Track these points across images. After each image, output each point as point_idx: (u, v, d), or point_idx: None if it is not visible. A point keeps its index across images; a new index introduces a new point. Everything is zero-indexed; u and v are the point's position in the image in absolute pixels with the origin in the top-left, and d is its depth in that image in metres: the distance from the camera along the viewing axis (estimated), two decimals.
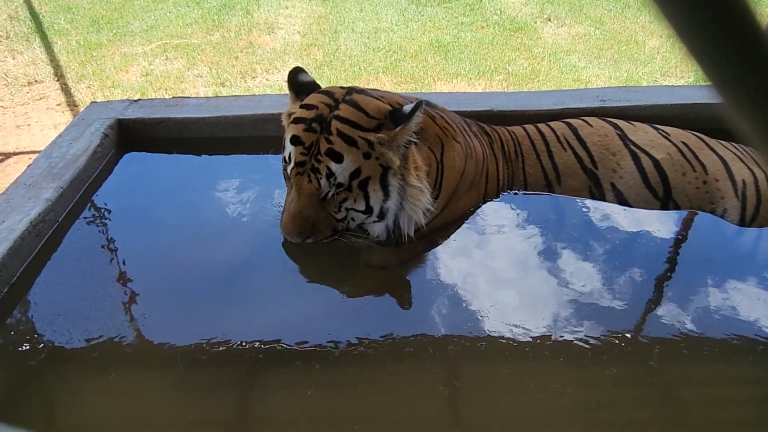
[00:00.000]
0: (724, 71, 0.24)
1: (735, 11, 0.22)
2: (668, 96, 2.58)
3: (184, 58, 5.00)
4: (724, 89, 0.24)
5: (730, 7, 0.22)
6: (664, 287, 1.81)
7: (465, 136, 2.04)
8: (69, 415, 1.45)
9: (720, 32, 0.22)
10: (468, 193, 2.04)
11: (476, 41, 5.29)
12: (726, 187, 2.03)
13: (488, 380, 1.52)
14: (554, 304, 1.72)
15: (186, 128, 2.54)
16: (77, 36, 5.43)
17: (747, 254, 1.95)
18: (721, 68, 0.24)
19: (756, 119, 0.24)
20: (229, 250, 1.96)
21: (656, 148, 2.09)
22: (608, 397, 1.48)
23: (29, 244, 1.87)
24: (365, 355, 1.57)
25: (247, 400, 1.48)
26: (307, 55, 5.09)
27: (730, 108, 0.25)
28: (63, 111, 4.35)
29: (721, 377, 1.55)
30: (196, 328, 1.65)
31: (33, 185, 2.07)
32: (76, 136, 2.38)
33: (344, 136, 1.73)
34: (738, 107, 0.24)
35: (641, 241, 1.97)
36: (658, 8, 0.23)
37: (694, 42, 0.23)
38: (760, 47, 0.22)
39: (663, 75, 4.66)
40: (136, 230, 2.07)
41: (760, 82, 0.23)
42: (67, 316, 1.68)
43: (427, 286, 1.82)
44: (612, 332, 1.63)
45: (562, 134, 2.16)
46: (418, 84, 4.56)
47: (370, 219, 1.86)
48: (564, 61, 4.88)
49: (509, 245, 1.96)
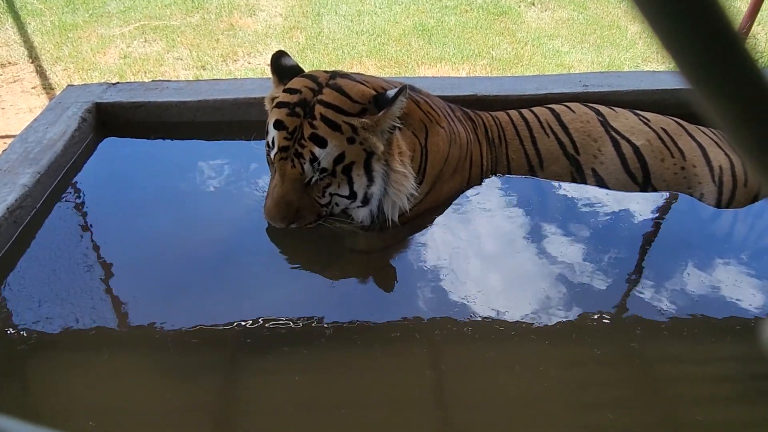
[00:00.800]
0: (696, 64, 0.24)
1: (707, 7, 0.22)
2: (650, 81, 2.61)
3: (163, 40, 4.89)
4: (695, 81, 0.25)
5: (703, 4, 0.22)
6: (644, 268, 1.84)
7: (449, 121, 2.05)
8: (51, 402, 1.44)
9: (692, 27, 0.23)
10: (452, 179, 2.05)
11: (460, 25, 5.27)
12: (703, 173, 2.06)
13: (474, 362, 1.55)
14: (538, 286, 1.75)
15: (166, 112, 2.50)
16: (52, 16, 5.27)
17: (724, 236, 1.99)
18: (694, 62, 0.24)
19: (725, 109, 0.25)
20: (212, 235, 1.95)
21: (636, 135, 2.12)
22: (591, 377, 1.52)
23: (6, 231, 1.83)
24: (350, 340, 1.58)
25: (232, 384, 1.48)
26: (289, 38, 5.02)
27: (700, 97, 0.25)
28: (38, 94, 4.23)
29: (700, 356, 1.60)
30: (180, 314, 1.64)
31: (9, 171, 2.03)
32: (52, 120, 2.33)
33: (328, 120, 1.72)
34: (709, 98, 0.25)
35: (622, 224, 2.00)
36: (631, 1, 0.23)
37: (666, 35, 0.24)
38: (730, 42, 0.23)
39: (645, 60, 4.69)
40: (116, 216, 2.05)
41: (728, 74, 0.24)
42: (47, 303, 1.66)
43: (412, 270, 1.83)
44: (595, 313, 1.66)
45: (545, 120, 2.18)
46: (401, 68, 4.53)
47: (354, 204, 1.86)
48: (547, 46, 4.89)
49: (493, 229, 1.98)
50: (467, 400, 1.45)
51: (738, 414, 1.46)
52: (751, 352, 1.59)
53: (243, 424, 1.40)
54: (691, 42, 0.23)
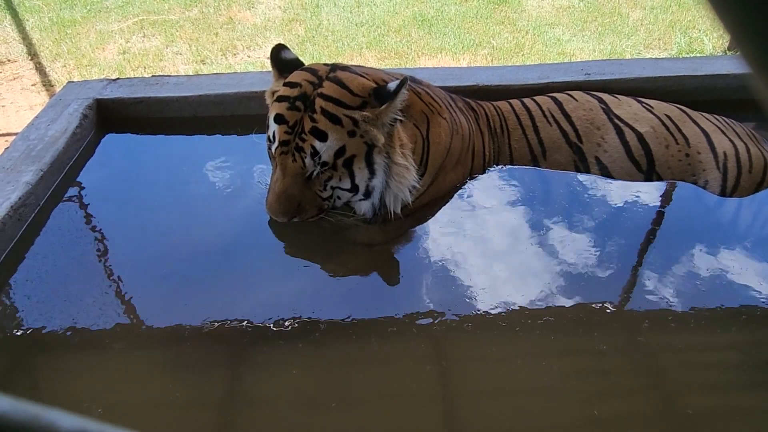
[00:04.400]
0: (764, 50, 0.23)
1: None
2: (652, 69, 2.58)
3: (162, 35, 4.87)
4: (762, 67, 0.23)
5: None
6: (649, 258, 1.84)
7: (451, 112, 2.03)
8: (56, 398, 1.44)
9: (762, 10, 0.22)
10: (454, 170, 2.04)
11: (460, 15, 5.23)
12: (708, 160, 2.05)
13: (478, 355, 1.55)
14: (542, 277, 1.74)
15: (167, 107, 2.50)
16: (50, 13, 5.26)
17: (729, 224, 1.99)
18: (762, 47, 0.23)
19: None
20: (214, 230, 1.95)
21: (640, 122, 2.10)
22: (596, 367, 1.52)
23: (10, 229, 1.84)
24: (353, 333, 1.58)
25: (234, 378, 1.49)
26: (288, 31, 4.99)
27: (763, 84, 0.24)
28: (39, 91, 4.23)
29: (705, 345, 1.59)
30: (183, 308, 1.65)
31: (11, 168, 2.03)
32: (54, 117, 2.33)
33: (328, 114, 1.71)
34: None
35: (626, 213, 1.99)
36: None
37: (735, 20, 0.22)
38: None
39: (646, 47, 4.65)
40: (119, 212, 2.05)
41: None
42: (52, 300, 1.66)
43: (414, 263, 1.83)
44: (599, 303, 1.66)
45: (547, 109, 2.16)
46: (402, 59, 4.51)
47: (356, 197, 1.85)
48: (548, 34, 4.85)
49: (495, 220, 1.98)
50: (471, 392, 1.45)
51: (743, 402, 1.46)
52: (757, 339, 1.59)
53: (249, 418, 1.41)
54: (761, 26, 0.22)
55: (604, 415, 1.40)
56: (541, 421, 1.39)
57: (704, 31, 4.77)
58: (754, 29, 0.23)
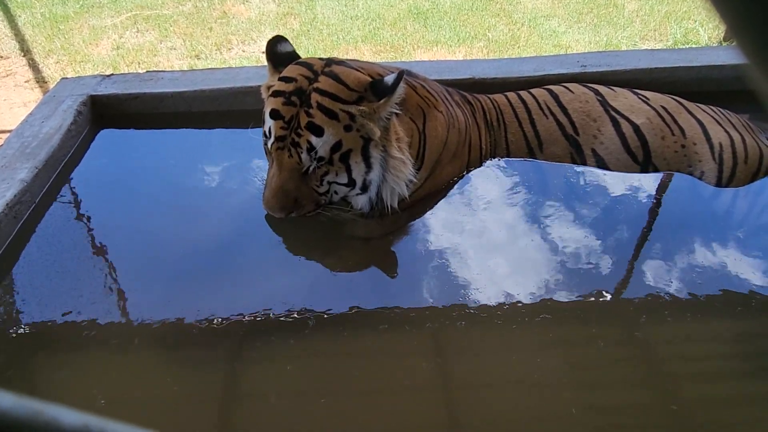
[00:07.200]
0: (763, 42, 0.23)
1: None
2: (648, 60, 2.58)
3: (156, 30, 4.84)
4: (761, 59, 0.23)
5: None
6: (646, 249, 1.85)
7: (447, 105, 2.03)
8: (54, 395, 1.44)
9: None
10: (451, 163, 2.04)
11: (455, 7, 5.21)
12: (704, 150, 2.06)
13: (476, 347, 1.55)
14: (539, 269, 1.75)
15: (162, 103, 2.48)
16: (42, 8, 5.21)
17: (725, 215, 1.99)
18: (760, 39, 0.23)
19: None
20: (211, 226, 1.95)
21: (636, 113, 2.10)
22: (594, 358, 1.52)
23: (6, 227, 1.83)
24: (350, 327, 1.59)
25: (233, 374, 1.49)
26: (283, 25, 4.96)
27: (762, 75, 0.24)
28: (32, 88, 4.20)
29: (702, 335, 1.60)
30: (181, 304, 1.65)
31: (6, 166, 2.02)
32: (48, 114, 2.31)
33: (324, 109, 1.70)
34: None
35: (623, 205, 2.00)
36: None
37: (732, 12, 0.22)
38: None
39: (642, 39, 4.65)
40: (115, 209, 2.04)
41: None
42: (49, 298, 1.66)
43: (411, 256, 1.83)
44: (597, 294, 1.66)
45: (543, 101, 2.16)
46: (397, 53, 4.49)
47: (353, 192, 1.85)
48: (544, 26, 4.84)
49: (493, 213, 1.98)
50: (469, 384, 1.46)
51: (740, 392, 1.47)
52: (753, 330, 1.60)
53: (247, 412, 1.41)
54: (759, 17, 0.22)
55: (601, 406, 1.41)
56: (539, 412, 1.40)
57: (700, 22, 4.77)
58: (749, 19, 0.23)
